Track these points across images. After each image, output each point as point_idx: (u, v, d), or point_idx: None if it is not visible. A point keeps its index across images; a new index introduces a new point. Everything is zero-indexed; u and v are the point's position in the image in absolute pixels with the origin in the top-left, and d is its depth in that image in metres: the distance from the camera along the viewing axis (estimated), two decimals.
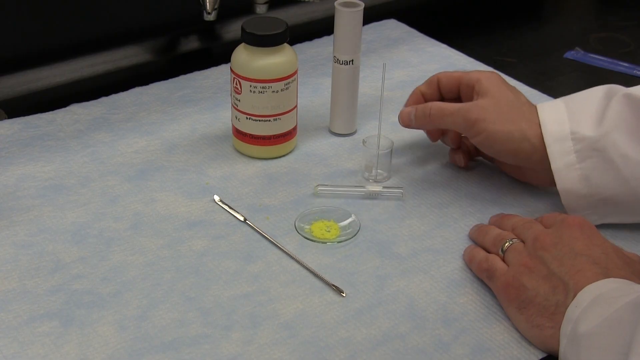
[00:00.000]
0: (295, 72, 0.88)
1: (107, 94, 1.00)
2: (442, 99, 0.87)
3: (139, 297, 0.72)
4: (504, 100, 0.81)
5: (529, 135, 0.79)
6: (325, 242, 0.79)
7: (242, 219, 0.82)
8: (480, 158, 0.90)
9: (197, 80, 1.05)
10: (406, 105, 0.88)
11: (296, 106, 0.90)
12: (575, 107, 0.80)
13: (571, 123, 0.78)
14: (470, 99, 0.84)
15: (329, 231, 0.80)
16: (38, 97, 1.02)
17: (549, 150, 0.78)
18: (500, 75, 0.85)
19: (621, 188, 0.77)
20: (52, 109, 0.97)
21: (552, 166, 0.78)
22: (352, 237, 0.79)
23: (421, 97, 0.87)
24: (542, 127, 0.79)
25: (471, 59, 1.10)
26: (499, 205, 0.84)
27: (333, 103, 0.94)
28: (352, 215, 0.82)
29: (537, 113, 0.81)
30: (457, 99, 0.87)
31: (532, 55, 1.16)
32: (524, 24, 1.25)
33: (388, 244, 0.79)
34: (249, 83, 0.86)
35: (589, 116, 0.78)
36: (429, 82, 0.87)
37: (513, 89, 0.84)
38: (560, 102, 0.81)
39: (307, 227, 0.80)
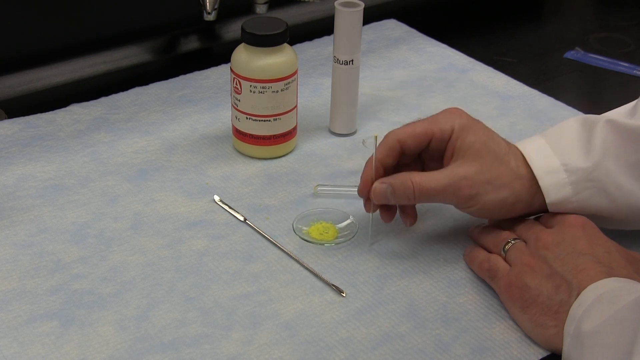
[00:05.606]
0: (295, 72, 0.88)
1: (107, 94, 1.00)
2: (400, 160, 0.77)
3: (139, 297, 0.72)
4: (488, 158, 0.74)
5: (522, 196, 0.75)
6: (322, 244, 0.79)
7: (242, 219, 0.81)
8: None
9: (197, 80, 1.04)
10: (363, 176, 0.76)
11: (296, 106, 0.90)
12: (556, 140, 0.76)
13: (559, 156, 0.75)
14: (440, 152, 0.76)
15: (326, 233, 0.80)
16: (38, 97, 1.02)
17: (541, 183, 0.74)
18: (468, 115, 0.77)
19: (613, 212, 0.75)
20: (52, 109, 0.97)
21: (547, 200, 0.74)
22: (349, 239, 0.79)
23: (380, 167, 0.76)
24: (529, 163, 0.74)
25: (471, 59, 1.10)
26: None
27: (333, 103, 0.94)
28: (350, 217, 0.82)
29: (520, 154, 0.76)
30: (419, 154, 0.78)
31: (532, 55, 1.16)
32: (524, 24, 1.25)
33: (388, 244, 0.79)
34: (249, 83, 0.86)
35: (573, 147, 0.75)
36: (388, 147, 0.76)
37: (488, 131, 0.76)
38: (539, 137, 0.77)
39: (305, 228, 0.80)
